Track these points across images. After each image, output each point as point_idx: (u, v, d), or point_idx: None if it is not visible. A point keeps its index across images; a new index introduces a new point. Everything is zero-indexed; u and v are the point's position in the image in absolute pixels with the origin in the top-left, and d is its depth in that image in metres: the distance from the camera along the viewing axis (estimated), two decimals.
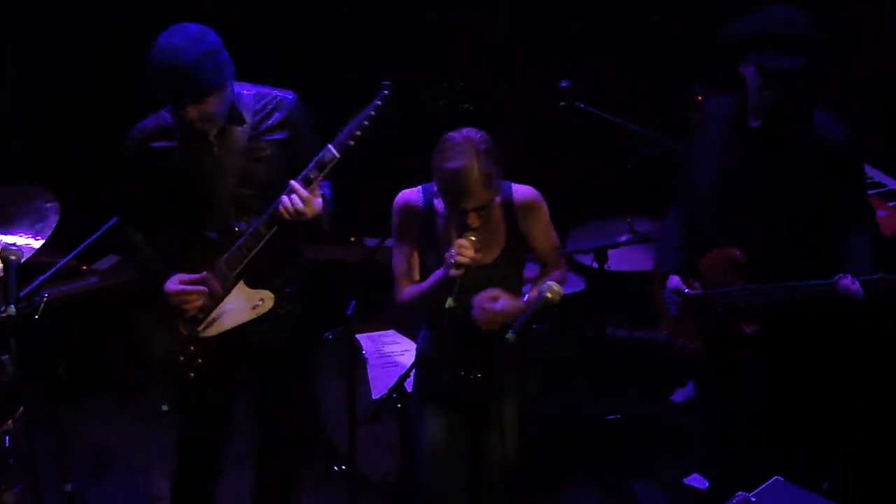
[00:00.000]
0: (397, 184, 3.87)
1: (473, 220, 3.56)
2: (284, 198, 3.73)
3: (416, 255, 3.80)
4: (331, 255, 5.55)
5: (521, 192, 3.75)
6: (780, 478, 3.34)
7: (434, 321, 3.83)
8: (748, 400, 3.89)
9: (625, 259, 5.04)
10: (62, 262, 4.28)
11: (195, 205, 3.87)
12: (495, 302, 3.65)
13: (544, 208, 3.77)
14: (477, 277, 3.63)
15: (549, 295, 3.45)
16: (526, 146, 6.15)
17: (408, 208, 3.76)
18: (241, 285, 3.89)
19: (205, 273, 3.86)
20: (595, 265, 4.82)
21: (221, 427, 4.07)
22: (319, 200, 3.81)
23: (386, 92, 3.74)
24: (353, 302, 4.32)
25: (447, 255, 3.59)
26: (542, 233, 3.79)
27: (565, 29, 6.01)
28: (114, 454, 5.35)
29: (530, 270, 3.92)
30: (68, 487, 4.42)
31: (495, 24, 6.16)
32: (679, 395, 5.51)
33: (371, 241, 5.61)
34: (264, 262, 3.87)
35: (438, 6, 6.13)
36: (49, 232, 4.08)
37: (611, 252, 4.84)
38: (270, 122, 3.88)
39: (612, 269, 4.87)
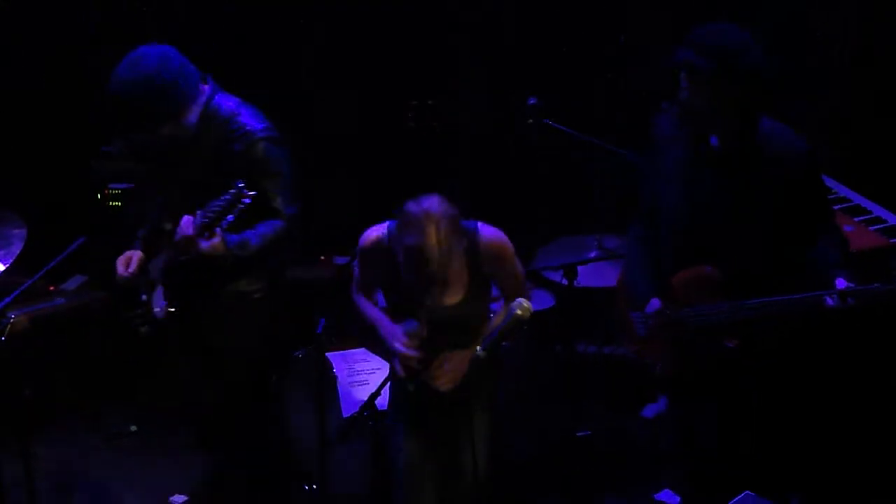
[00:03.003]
0: (366, 202, 3.87)
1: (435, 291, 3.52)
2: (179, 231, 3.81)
3: (374, 284, 3.84)
4: (301, 273, 5.53)
5: (487, 237, 3.69)
6: (750, 492, 3.35)
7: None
8: (721, 414, 3.88)
9: (594, 275, 5.05)
10: (27, 284, 4.24)
11: (164, 191, 4.02)
12: (443, 367, 3.69)
13: (510, 251, 3.73)
14: (442, 316, 3.63)
15: (519, 312, 3.44)
16: (494, 163, 6.17)
17: (373, 249, 3.72)
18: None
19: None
20: (564, 282, 4.83)
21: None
22: (209, 244, 3.81)
23: (233, 191, 3.69)
24: (323, 320, 4.31)
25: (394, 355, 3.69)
26: (508, 274, 3.75)
27: (532, 46, 6.04)
28: (82, 476, 5.30)
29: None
30: None
31: (462, 41, 6.18)
32: (649, 411, 5.52)
33: (341, 260, 5.60)
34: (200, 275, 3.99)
35: (406, 24, 6.14)
36: (11, 259, 4.07)
37: (580, 268, 4.85)
38: (232, 149, 3.88)
39: (581, 285, 4.88)
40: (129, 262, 4.05)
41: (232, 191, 3.68)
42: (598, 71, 5.97)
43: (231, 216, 3.73)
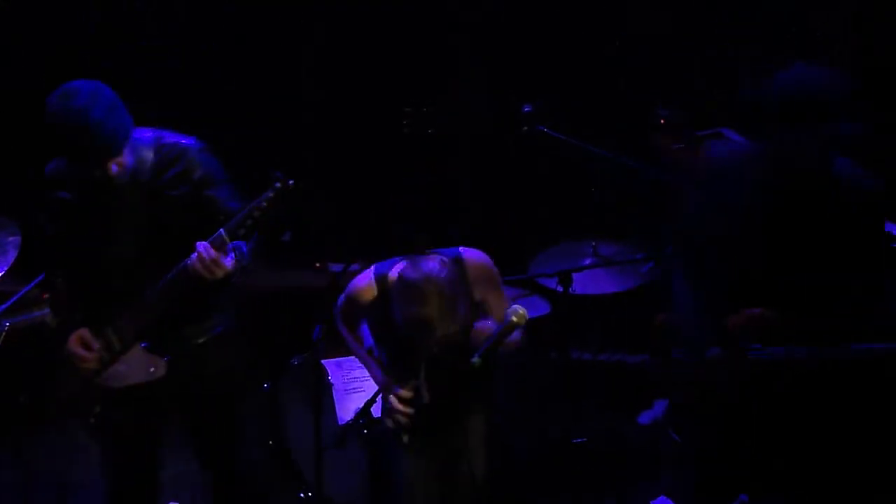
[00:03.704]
0: (362, 208, 3.86)
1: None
2: (194, 259, 3.61)
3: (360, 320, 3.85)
4: (296, 281, 5.54)
5: (472, 259, 3.70)
6: (744, 496, 3.35)
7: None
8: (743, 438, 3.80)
9: (589, 282, 5.05)
10: (21, 293, 4.25)
11: (95, 260, 3.74)
12: None
13: (495, 270, 3.74)
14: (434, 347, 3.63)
15: (514, 319, 3.46)
16: (489, 170, 6.18)
17: (361, 299, 3.74)
18: (136, 348, 3.76)
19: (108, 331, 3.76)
20: (560, 289, 4.83)
21: (144, 467, 3.95)
22: (229, 259, 3.66)
23: (278, 185, 3.62)
24: (319, 327, 4.32)
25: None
26: (494, 299, 3.73)
27: (527, 53, 6.05)
28: (76, 484, 5.29)
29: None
30: None
31: (458, 48, 6.19)
32: (645, 417, 5.52)
33: (336, 267, 5.60)
34: (176, 321, 3.77)
35: (401, 31, 6.15)
36: (6, 267, 4.05)
37: (575, 275, 4.86)
38: (171, 173, 3.73)
39: (576, 292, 4.88)
40: (86, 341, 3.76)
41: (212, 237, 3.59)
42: (596, 74, 5.98)
43: (243, 229, 3.63)
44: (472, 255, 3.70)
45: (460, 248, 3.69)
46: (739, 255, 3.65)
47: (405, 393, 3.63)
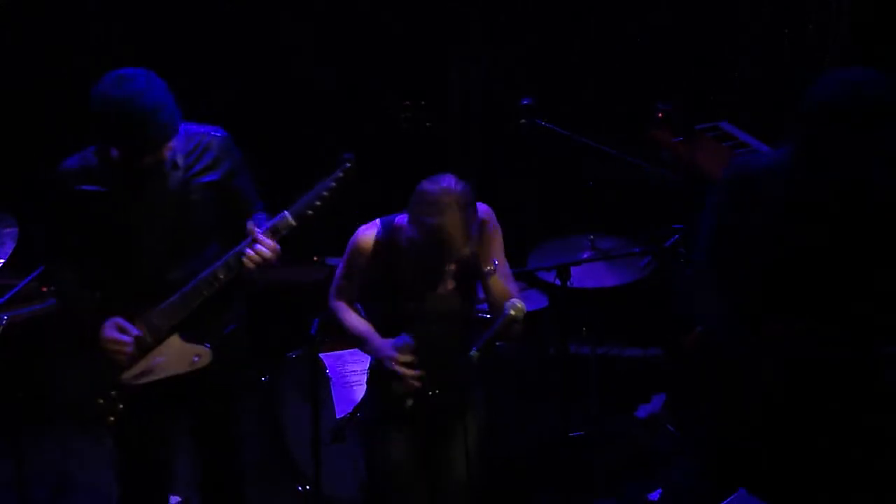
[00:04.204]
0: (359, 203, 3.85)
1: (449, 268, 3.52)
2: (249, 249, 3.63)
3: (357, 285, 3.79)
4: (294, 275, 5.53)
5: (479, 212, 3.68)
6: (744, 489, 3.35)
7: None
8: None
9: (587, 276, 5.05)
10: (20, 286, 4.24)
11: (125, 253, 3.72)
12: None
13: (497, 226, 3.73)
14: (432, 307, 3.63)
15: (512, 312, 3.45)
16: (487, 164, 6.17)
17: (366, 249, 3.70)
18: (175, 338, 3.74)
19: (139, 324, 3.73)
20: (558, 282, 4.83)
21: (159, 462, 3.96)
22: (279, 248, 3.70)
23: (348, 165, 3.65)
24: (317, 321, 4.32)
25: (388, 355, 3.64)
26: (497, 251, 3.72)
27: (526, 46, 6.04)
28: (75, 479, 5.30)
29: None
30: None
31: (456, 41, 6.18)
32: (643, 411, 5.53)
33: (333, 261, 5.60)
34: (203, 313, 3.75)
35: (398, 23, 6.14)
36: (3, 259, 4.03)
37: (573, 269, 4.85)
38: (202, 164, 3.73)
39: (574, 285, 4.88)
40: (123, 327, 3.71)
41: (274, 220, 3.62)
42: (595, 67, 5.98)
43: (311, 210, 3.65)
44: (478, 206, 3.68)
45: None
46: (774, 265, 3.58)
47: (407, 357, 3.62)
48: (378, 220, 3.73)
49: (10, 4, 5.86)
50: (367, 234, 3.71)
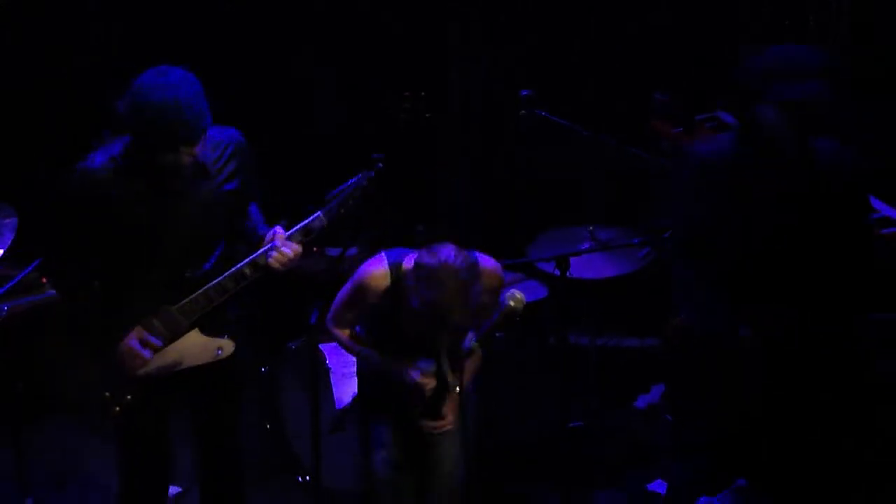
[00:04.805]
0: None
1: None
2: (274, 251, 3.69)
3: (357, 319, 3.82)
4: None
5: (488, 269, 3.69)
6: (743, 481, 3.36)
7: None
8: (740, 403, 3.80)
9: (586, 266, 5.05)
10: (19, 277, 4.24)
11: (146, 252, 3.71)
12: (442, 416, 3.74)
13: (503, 282, 3.75)
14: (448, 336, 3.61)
15: (511, 303, 3.45)
16: (487, 155, 6.17)
17: (375, 289, 3.70)
18: (195, 334, 3.77)
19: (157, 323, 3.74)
20: (557, 273, 4.83)
21: (162, 452, 3.96)
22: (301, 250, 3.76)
23: (380, 165, 3.70)
24: (316, 311, 4.31)
25: (409, 379, 3.66)
26: (494, 301, 3.66)
27: (525, 37, 6.04)
28: (74, 468, 5.30)
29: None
30: (29, 502, 4.38)
31: (455, 32, 6.18)
32: (642, 402, 5.53)
33: (333, 251, 5.60)
34: (221, 308, 3.79)
35: (397, 16, 6.13)
36: (3, 250, 4.02)
37: (573, 259, 4.85)
38: (226, 172, 3.75)
39: (573, 276, 4.89)
40: (146, 341, 3.71)
41: (307, 221, 3.68)
42: (591, 61, 5.98)
43: (343, 209, 3.72)
44: (487, 263, 3.70)
45: (476, 253, 3.68)
46: (734, 247, 3.64)
47: (430, 381, 3.64)
48: (384, 258, 3.72)
49: (10, 4, 5.84)
50: (377, 273, 3.70)
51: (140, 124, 3.49)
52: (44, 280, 4.77)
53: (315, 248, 5.70)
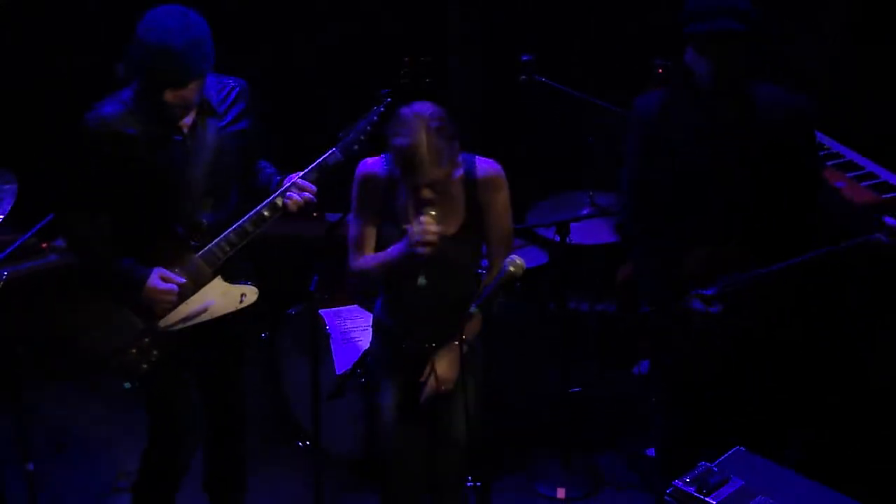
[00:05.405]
0: (358, 159, 3.86)
1: (426, 192, 3.56)
2: (293, 193, 3.76)
3: (373, 226, 3.80)
4: (293, 230, 5.53)
5: (485, 167, 3.73)
6: (741, 447, 3.37)
7: (393, 292, 3.84)
8: (716, 363, 3.84)
9: (586, 232, 5.06)
10: (19, 242, 4.23)
11: (162, 197, 3.74)
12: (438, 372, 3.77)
13: (506, 187, 3.76)
14: (436, 251, 3.63)
15: (511, 269, 3.44)
16: (487, 120, 6.15)
17: (369, 178, 3.74)
18: (218, 281, 3.82)
19: (180, 272, 3.77)
20: (557, 239, 4.84)
21: (188, 406, 4.00)
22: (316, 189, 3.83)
23: (389, 100, 3.78)
24: (316, 277, 4.32)
25: (410, 231, 3.59)
26: (500, 212, 3.75)
27: (525, 37, 6.01)
28: (75, 433, 5.32)
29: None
30: (30, 467, 4.39)
31: (455, 32, 6.17)
32: (642, 367, 5.54)
33: (333, 216, 5.60)
34: (240, 255, 3.83)
35: (397, 16, 6.12)
36: (3, 216, 4.02)
37: (573, 225, 4.86)
38: (234, 112, 3.83)
39: (573, 242, 4.89)
40: (168, 277, 3.75)
41: (322, 158, 3.76)
42: (590, 26, 5.94)
43: (357, 145, 3.81)
44: (485, 161, 3.76)
45: (476, 157, 3.73)
46: (682, 196, 3.73)
47: (430, 220, 3.60)
48: (383, 154, 3.76)
49: (10, 4, 5.81)
50: (370, 164, 3.76)
51: (147, 58, 3.50)
52: (44, 245, 4.78)
53: (315, 214, 5.71)
